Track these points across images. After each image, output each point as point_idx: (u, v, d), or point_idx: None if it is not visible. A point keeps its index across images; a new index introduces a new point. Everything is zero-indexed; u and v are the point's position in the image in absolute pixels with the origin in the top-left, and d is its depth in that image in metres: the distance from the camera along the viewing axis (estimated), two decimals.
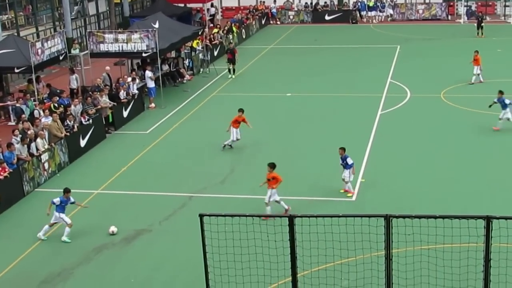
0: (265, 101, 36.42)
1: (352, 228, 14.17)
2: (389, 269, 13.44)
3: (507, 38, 52.53)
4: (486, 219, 12.67)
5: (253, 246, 15.03)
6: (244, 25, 56.91)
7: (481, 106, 32.40)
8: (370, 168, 25.77)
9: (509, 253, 14.54)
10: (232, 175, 25.93)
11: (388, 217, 13.07)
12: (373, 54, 48.33)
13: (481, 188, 23.46)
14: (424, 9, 64.24)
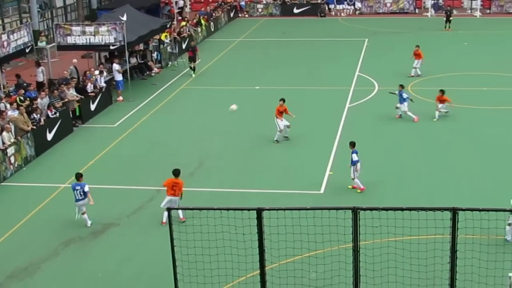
0: (233, 94, 36.35)
1: (320, 221, 14.22)
2: (357, 261, 13.50)
3: (474, 31, 52.98)
4: (452, 211, 12.78)
5: (221, 239, 15.01)
6: (213, 18, 56.75)
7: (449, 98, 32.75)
8: (339, 161, 25.85)
9: (475, 244, 14.70)
10: (201, 168, 25.87)
11: (356, 209, 13.13)
12: (341, 47, 48.47)
13: (448, 180, 23.66)
14: (392, 3, 64.52)
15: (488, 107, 32.19)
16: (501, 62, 41.79)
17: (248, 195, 22.76)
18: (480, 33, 52.18)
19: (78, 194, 20.60)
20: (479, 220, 13.77)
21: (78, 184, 20.67)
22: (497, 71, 39.30)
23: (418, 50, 38.76)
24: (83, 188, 20.58)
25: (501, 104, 32.53)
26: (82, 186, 20.60)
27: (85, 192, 20.58)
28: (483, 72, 39.17)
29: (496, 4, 63.06)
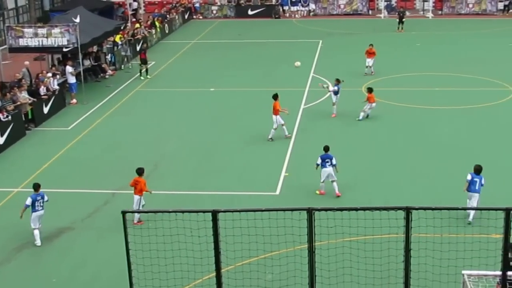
0: (188, 96, 36.29)
1: (275, 222, 14.24)
2: (312, 261, 13.54)
3: (426, 32, 53.64)
4: (405, 210, 12.89)
5: (176, 242, 14.96)
6: (167, 20, 56.55)
7: (401, 98, 33.13)
8: (294, 162, 25.96)
9: (428, 243, 14.87)
10: (156, 171, 25.73)
11: (311, 210, 13.17)
12: (295, 49, 48.64)
13: (401, 179, 23.91)
14: (345, 4, 64.97)
15: (441, 107, 32.59)
16: (453, 62, 42.36)
17: (204, 197, 22.73)
18: (433, 34, 52.83)
19: (39, 205, 19.76)
20: (432, 219, 13.94)
21: (38, 194, 19.87)
22: (449, 71, 39.84)
23: (372, 48, 39.36)
24: (43, 198, 19.89)
25: (453, 104, 32.97)
26: (43, 196, 19.89)
27: (45, 201, 19.89)
28: (436, 73, 39.66)
29: (448, 5, 63.92)
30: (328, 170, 22.44)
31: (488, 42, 49.71)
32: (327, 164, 22.41)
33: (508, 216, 12.65)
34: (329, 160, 22.46)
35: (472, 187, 20.23)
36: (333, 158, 22.52)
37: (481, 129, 29.39)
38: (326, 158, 22.51)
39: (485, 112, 31.86)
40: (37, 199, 19.80)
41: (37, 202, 19.77)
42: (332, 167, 22.52)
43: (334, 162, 22.52)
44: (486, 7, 63.55)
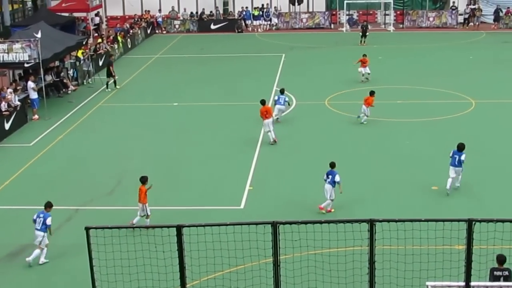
0: (151, 111, 36.19)
1: (240, 236, 14.24)
2: (278, 275, 13.55)
3: (388, 45, 54.17)
4: (369, 222, 12.98)
5: (141, 257, 14.88)
6: (130, 35, 56.38)
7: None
8: (258, 176, 25.99)
9: (392, 255, 14.96)
10: (120, 186, 25.59)
11: (275, 223, 13.20)
12: (259, 63, 48.83)
13: (365, 192, 24.05)
14: (307, 18, 65.39)
15: (403, 119, 32.89)
16: (415, 75, 42.82)
17: (168, 213, 22.64)
18: (394, 47, 53.38)
19: (38, 223, 19.46)
20: (396, 231, 14.04)
21: (42, 212, 19.64)
22: (410, 84, 40.26)
23: (365, 58, 40.55)
24: (45, 219, 19.46)
25: (415, 116, 33.28)
26: (45, 218, 19.48)
27: (45, 224, 19.43)
28: (397, 86, 40.06)
29: (409, 18, 64.62)
30: (327, 186, 22.34)
31: (449, 55, 50.36)
32: (327, 180, 22.30)
33: (470, 227, 12.79)
34: (331, 176, 22.29)
35: (452, 161, 23.59)
36: (336, 175, 22.24)
37: (443, 141, 29.64)
38: (329, 174, 22.39)
39: (446, 124, 32.20)
40: (39, 216, 19.58)
41: (38, 219, 19.54)
42: (331, 184, 22.28)
43: (336, 179, 22.21)
44: (447, 20, 64.39)
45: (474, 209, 21.94)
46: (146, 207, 21.27)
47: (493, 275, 15.01)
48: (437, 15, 64.81)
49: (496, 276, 14.94)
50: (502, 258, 15.09)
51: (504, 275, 14.85)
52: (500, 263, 15.03)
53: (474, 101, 35.81)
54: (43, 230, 19.46)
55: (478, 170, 26.00)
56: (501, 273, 14.89)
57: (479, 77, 42.44)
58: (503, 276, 14.87)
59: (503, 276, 14.88)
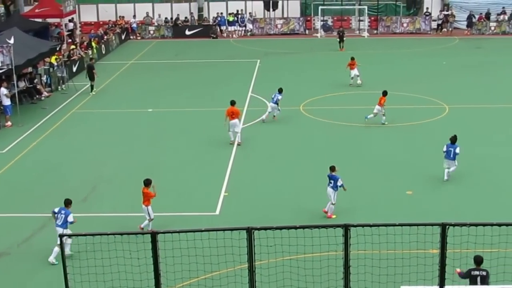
0: (126, 117, 36.05)
1: (215, 242, 14.21)
2: (253, 281, 13.53)
3: (362, 51, 54.34)
4: (344, 228, 13.01)
5: (115, 264, 14.78)
6: (104, 41, 56.16)
7: (338, 117, 33.56)
8: (233, 182, 25.97)
9: (367, 259, 14.99)
10: (94, 192, 25.46)
11: (250, 229, 13.18)
12: (234, 69, 48.84)
13: (340, 196, 24.05)
14: (282, 24, 65.52)
15: (376, 125, 33.01)
16: (389, 81, 42.96)
17: (142, 219, 22.50)
18: (368, 53, 53.63)
19: (59, 220, 19.73)
20: (370, 236, 14.09)
21: (64, 209, 19.94)
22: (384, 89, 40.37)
23: (353, 61, 41.22)
24: (67, 216, 19.72)
25: (390, 121, 33.39)
26: (67, 214, 19.76)
27: (67, 221, 19.62)
28: (372, 91, 40.17)
29: (383, 24, 65.00)
30: (329, 190, 22.32)
31: (422, 61, 50.72)
32: (330, 185, 22.29)
33: (444, 231, 12.86)
34: (332, 181, 22.26)
35: (447, 155, 24.97)
36: (338, 180, 22.19)
37: (418, 146, 29.87)
38: (330, 178, 22.38)
39: (421, 129, 32.41)
40: (60, 212, 19.87)
41: (59, 215, 19.82)
42: (333, 188, 22.23)
43: (339, 184, 22.16)
44: (420, 26, 64.85)
45: (448, 213, 22.06)
46: (148, 210, 21.33)
47: (470, 274, 15.20)
48: (411, 21, 65.25)
49: (473, 275, 15.14)
50: (480, 259, 15.28)
51: (481, 275, 15.06)
52: (478, 264, 15.26)
53: (448, 106, 36.06)
54: (64, 227, 19.56)
55: (452, 174, 26.17)
56: (479, 273, 15.11)
57: (453, 83, 42.77)
58: (480, 276, 15.07)
59: (480, 276, 15.07)
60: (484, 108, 35.30)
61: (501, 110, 35.48)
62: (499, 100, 37.35)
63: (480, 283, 14.94)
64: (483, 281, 14.97)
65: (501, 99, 37.61)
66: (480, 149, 29.16)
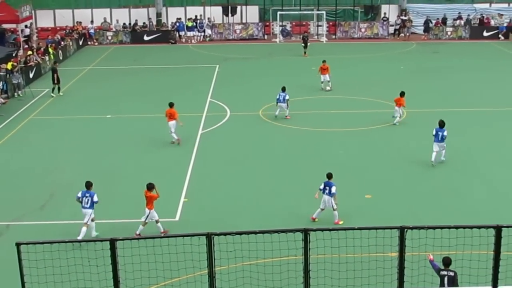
0: (84, 123, 35.75)
1: (175, 248, 14.14)
2: (213, 287, 13.49)
3: (321, 56, 54.52)
4: (303, 232, 13.03)
5: (74, 272, 14.62)
6: (61, 46, 55.66)
7: (296, 122, 33.70)
8: (193, 187, 25.90)
9: (327, 263, 15.04)
10: (52, 200, 25.19)
11: (210, 235, 13.13)
12: (193, 74, 48.74)
13: (300, 201, 24.17)
14: (241, 29, 65.62)
15: (336, 129, 33.21)
16: (348, 86, 43.32)
17: (102, 226, 22.34)
18: (327, 58, 53.73)
19: (85, 202, 21.15)
20: (330, 240, 14.12)
21: (88, 192, 21.32)
22: (343, 94, 40.71)
23: (325, 65, 41.22)
24: (92, 197, 21.19)
25: (348, 126, 33.65)
26: (92, 195, 21.21)
27: (93, 202, 21.17)
28: (331, 96, 40.48)
29: (341, 29, 65.47)
30: (326, 198, 22.24)
31: (380, 65, 51.20)
32: (326, 191, 22.23)
33: (402, 234, 12.95)
34: (328, 188, 22.22)
35: (436, 138, 27.27)
36: (333, 186, 22.15)
37: (376, 150, 30.09)
38: (326, 185, 22.31)
39: (379, 133, 32.66)
40: (85, 195, 21.29)
41: (84, 199, 21.23)
42: (329, 195, 22.18)
43: (333, 190, 22.13)
44: (378, 31, 65.47)
45: (406, 217, 22.27)
46: (149, 214, 21.55)
47: (439, 274, 15.65)
48: (369, 26, 65.84)
49: (441, 275, 15.61)
50: (448, 261, 15.67)
51: (449, 275, 15.46)
52: (446, 265, 15.66)
53: (405, 111, 36.38)
54: (91, 207, 21.15)
55: (410, 177, 26.44)
56: (446, 273, 15.52)
57: (410, 87, 43.07)
58: (447, 275, 15.47)
59: (447, 276, 15.48)
60: (441, 112, 35.63)
61: (458, 113, 35.90)
62: (456, 104, 37.84)
63: (448, 283, 15.19)
64: (451, 281, 15.23)
65: (457, 103, 38.10)
66: None
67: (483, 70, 48.67)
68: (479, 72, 47.90)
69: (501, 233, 13.41)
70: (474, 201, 24.15)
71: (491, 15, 67.19)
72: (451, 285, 15.33)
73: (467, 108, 36.60)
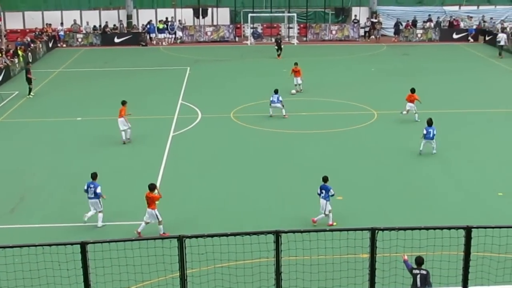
0: (54, 126, 35.47)
1: (146, 251, 14.10)
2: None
3: (292, 58, 54.59)
4: (275, 234, 13.05)
5: (44, 276, 14.53)
6: (30, 49, 55.21)
7: (268, 124, 33.74)
8: (165, 190, 25.76)
9: (298, 266, 15.08)
10: (22, 203, 24.96)
11: (181, 237, 13.11)
12: (164, 76, 48.63)
13: (271, 203, 24.18)
14: (212, 31, 65.58)
15: (308, 131, 33.30)
16: (319, 87, 43.44)
17: (72, 229, 22.22)
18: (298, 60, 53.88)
19: (90, 192, 22.44)
20: (301, 241, 14.16)
21: (92, 183, 22.59)
22: (315, 96, 40.83)
23: (297, 67, 40.97)
24: (95, 188, 22.39)
25: (320, 128, 33.75)
26: (96, 186, 22.42)
27: (96, 193, 22.34)
28: (302, 98, 40.57)
29: (312, 32, 65.68)
30: (322, 201, 22.20)
31: (351, 68, 51.46)
32: (321, 195, 22.18)
33: (373, 235, 13.01)
34: (324, 191, 22.16)
35: (427, 136, 28.88)
36: (330, 190, 22.09)
37: (348, 152, 30.21)
38: (322, 188, 22.25)
39: (350, 135, 32.80)
40: (90, 186, 22.60)
41: (89, 190, 22.56)
42: (325, 199, 22.13)
43: (331, 193, 22.07)
44: (349, 33, 65.80)
45: (377, 218, 22.36)
46: (156, 213, 21.62)
47: (412, 273, 15.75)
48: (340, 28, 66.13)
49: (414, 274, 15.72)
50: (420, 260, 15.78)
51: (421, 274, 15.59)
52: (419, 265, 15.77)
53: (376, 112, 36.61)
54: (96, 198, 22.45)
55: (381, 178, 26.58)
56: (419, 272, 15.63)
57: (381, 89, 43.45)
58: (420, 274, 15.60)
59: (419, 274, 15.60)
60: (411, 113, 35.89)
61: (427, 115, 36.11)
62: (426, 106, 38.06)
63: (420, 282, 15.33)
64: (423, 280, 15.38)
65: (427, 105, 38.34)
66: (408, 155, 29.64)
67: (453, 72, 49.07)
68: (449, 74, 48.28)
69: (471, 233, 13.55)
70: (445, 202, 24.33)
71: (461, 18, 67.80)
72: (424, 284, 15.47)
73: (436, 110, 36.85)
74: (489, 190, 25.54)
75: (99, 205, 22.50)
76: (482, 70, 50.91)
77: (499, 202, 24.32)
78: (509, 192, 25.14)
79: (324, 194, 22.18)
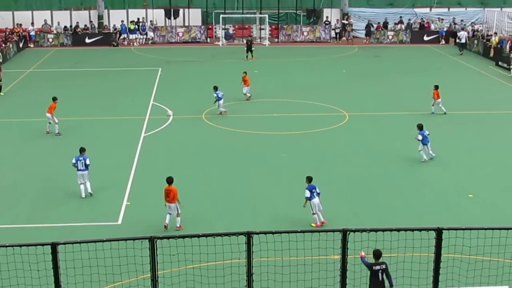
0: (24, 126, 35.17)
1: (117, 252, 14.06)
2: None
3: (263, 59, 54.87)
4: (247, 235, 13.09)
5: (14, 277, 14.43)
6: (0, 48, 54.68)
7: (239, 125, 33.75)
8: (136, 191, 25.72)
9: (270, 266, 15.13)
10: None
11: (153, 238, 13.12)
12: (135, 77, 48.45)
13: (243, 205, 24.18)
14: (184, 32, 65.49)
15: (279, 132, 33.36)
16: (291, 89, 43.57)
17: (43, 230, 22.05)
18: (270, 61, 54.17)
19: (81, 165, 24.48)
20: (273, 243, 14.21)
21: (81, 155, 24.64)
22: (287, 97, 40.91)
23: (245, 76, 40.27)
24: (85, 160, 24.58)
25: (292, 129, 33.82)
26: (85, 159, 24.61)
27: (86, 164, 24.56)
28: (274, 99, 40.64)
29: (284, 33, 65.84)
30: (316, 200, 22.11)
31: (323, 69, 51.65)
32: (314, 194, 22.09)
33: (345, 237, 13.11)
34: (315, 190, 22.14)
35: (425, 140, 28.62)
36: (317, 187, 22.19)
37: (319, 153, 30.29)
38: (312, 188, 22.15)
39: (322, 136, 32.88)
40: (79, 159, 24.59)
41: (79, 162, 24.54)
42: (318, 196, 22.15)
43: (318, 191, 22.16)
44: (320, 35, 66.04)
45: (348, 219, 22.46)
46: (177, 206, 22.05)
47: (372, 269, 15.23)
48: (311, 29, 66.36)
49: (375, 270, 15.21)
50: (378, 253, 15.36)
51: (382, 269, 15.25)
52: (377, 258, 15.35)
53: (348, 114, 36.77)
54: (86, 169, 24.66)
55: (352, 179, 26.69)
56: (379, 267, 15.22)
57: (352, 91, 43.63)
58: (381, 269, 15.24)
59: (381, 270, 15.23)
60: (383, 115, 36.15)
61: (399, 117, 36.40)
62: (397, 108, 38.34)
63: (381, 276, 15.19)
64: (385, 273, 15.23)
65: (398, 107, 38.62)
66: (379, 155, 29.81)
67: (423, 74, 49.34)
68: (420, 76, 48.54)
69: (442, 235, 13.69)
70: (415, 204, 24.46)
71: (432, 20, 68.37)
72: (387, 276, 15.26)
73: (408, 111, 37.09)
74: (460, 191, 25.74)
75: (88, 174, 24.80)
76: (447, 69, 51.61)
77: (470, 204, 24.53)
78: (478, 194, 25.37)
79: (316, 192, 22.22)
